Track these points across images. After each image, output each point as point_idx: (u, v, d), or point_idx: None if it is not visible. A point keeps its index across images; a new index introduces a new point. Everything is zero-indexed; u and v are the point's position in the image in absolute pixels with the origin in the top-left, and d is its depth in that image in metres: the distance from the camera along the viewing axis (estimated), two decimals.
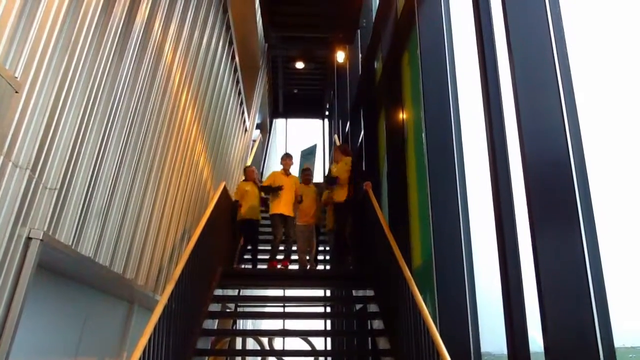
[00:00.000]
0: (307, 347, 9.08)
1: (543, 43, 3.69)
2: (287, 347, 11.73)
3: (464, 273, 5.00)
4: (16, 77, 3.09)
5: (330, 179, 7.72)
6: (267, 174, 17.11)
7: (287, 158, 8.26)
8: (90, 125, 4.10)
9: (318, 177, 18.42)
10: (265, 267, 7.85)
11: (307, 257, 7.86)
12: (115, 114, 4.57)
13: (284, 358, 9.49)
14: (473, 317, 4.86)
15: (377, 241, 6.06)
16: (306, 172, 8.54)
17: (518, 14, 3.83)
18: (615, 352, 3.16)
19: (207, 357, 6.93)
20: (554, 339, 3.19)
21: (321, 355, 7.30)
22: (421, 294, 4.61)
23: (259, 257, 8.13)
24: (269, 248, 8.09)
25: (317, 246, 8.48)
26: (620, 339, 3.17)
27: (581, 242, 3.31)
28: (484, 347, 4.65)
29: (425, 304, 4.48)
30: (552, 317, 3.22)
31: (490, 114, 4.12)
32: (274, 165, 18.99)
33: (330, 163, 14.55)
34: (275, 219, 7.66)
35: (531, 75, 3.68)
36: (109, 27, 4.29)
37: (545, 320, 3.22)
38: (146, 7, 5.13)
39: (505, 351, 3.75)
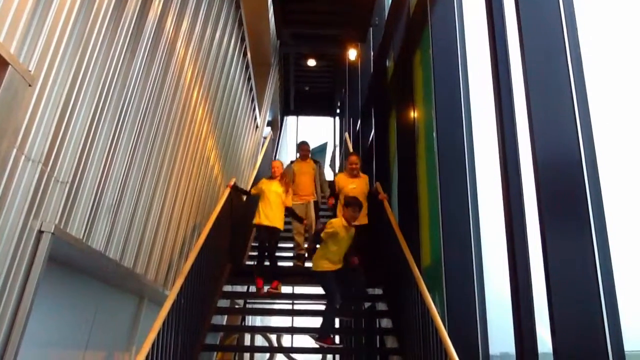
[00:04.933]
0: (316, 345, 9.09)
1: (556, 42, 3.66)
2: (295, 345, 11.76)
3: (473, 273, 4.98)
4: (30, 71, 3.12)
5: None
6: None
7: (303, 145, 8.21)
8: (102, 120, 4.13)
9: (328, 175, 18.44)
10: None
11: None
12: (127, 108, 4.60)
13: (292, 355, 9.54)
14: (482, 317, 4.84)
15: (387, 240, 6.05)
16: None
17: (531, 13, 3.81)
18: (625, 355, 3.13)
19: (215, 353, 6.96)
20: (563, 340, 3.18)
21: (329, 353, 7.32)
22: (430, 294, 4.61)
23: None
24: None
25: (317, 222, 7.76)
26: (630, 343, 3.15)
27: (592, 243, 3.29)
28: (495, 348, 4.63)
29: (434, 303, 4.48)
30: (561, 318, 3.21)
31: (501, 114, 4.10)
32: (284, 162, 19.01)
33: (340, 168, 14.00)
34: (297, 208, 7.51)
35: (543, 75, 3.66)
36: (121, 22, 4.31)
37: (554, 322, 3.21)
38: (159, 3, 5.16)
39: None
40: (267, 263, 6.80)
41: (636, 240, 3.31)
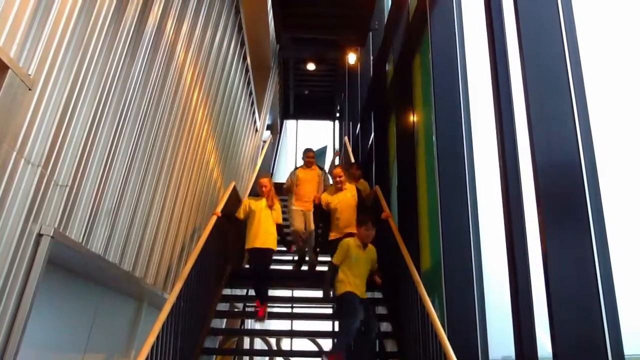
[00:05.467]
0: (315, 348, 9.09)
1: (555, 46, 3.67)
2: (294, 348, 11.74)
3: (473, 277, 4.98)
4: (29, 75, 3.12)
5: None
6: (277, 175, 17.16)
7: (308, 152, 7.80)
8: (102, 123, 4.14)
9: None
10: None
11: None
12: (126, 112, 4.60)
13: (291, 358, 9.52)
14: (481, 321, 4.84)
15: (388, 251, 6.01)
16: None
17: (530, 17, 3.82)
18: (624, 359, 3.13)
19: (214, 356, 6.94)
20: (562, 344, 3.17)
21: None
22: (430, 298, 4.60)
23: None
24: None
25: (317, 235, 7.43)
26: (630, 346, 3.15)
27: (591, 246, 3.29)
28: (497, 352, 4.62)
29: (434, 307, 4.47)
30: (561, 322, 3.20)
31: (501, 118, 4.11)
32: (284, 166, 19.03)
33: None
34: (296, 213, 7.25)
35: (543, 78, 3.66)
36: (121, 26, 4.32)
37: (554, 326, 3.21)
38: (159, 7, 5.16)
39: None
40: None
41: (636, 244, 3.31)
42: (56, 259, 3.82)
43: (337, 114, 20.27)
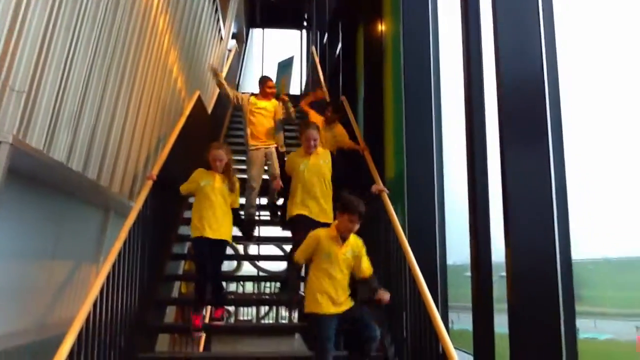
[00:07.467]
0: (280, 253, 9.36)
1: None
2: (261, 253, 12.05)
3: (434, 186, 5.13)
4: None
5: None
6: (244, 85, 16.85)
7: (267, 81, 6.15)
8: (57, 24, 3.94)
9: (294, 90, 18.20)
10: None
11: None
12: (84, 13, 4.38)
13: (258, 263, 9.79)
14: (441, 228, 5.04)
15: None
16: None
17: None
18: (572, 264, 3.35)
19: (183, 261, 7.10)
20: (516, 251, 3.35)
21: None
22: (393, 206, 4.73)
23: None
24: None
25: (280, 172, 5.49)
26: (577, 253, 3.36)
27: (548, 159, 3.41)
28: (463, 257, 4.81)
29: (396, 214, 4.61)
30: (515, 230, 3.36)
31: (467, 30, 4.10)
32: (250, 77, 18.65)
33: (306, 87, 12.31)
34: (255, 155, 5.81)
35: None
36: None
37: (509, 233, 3.36)
38: None
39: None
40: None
41: (590, 154, 3.44)
42: (17, 167, 3.74)
43: (305, 23, 19.74)
